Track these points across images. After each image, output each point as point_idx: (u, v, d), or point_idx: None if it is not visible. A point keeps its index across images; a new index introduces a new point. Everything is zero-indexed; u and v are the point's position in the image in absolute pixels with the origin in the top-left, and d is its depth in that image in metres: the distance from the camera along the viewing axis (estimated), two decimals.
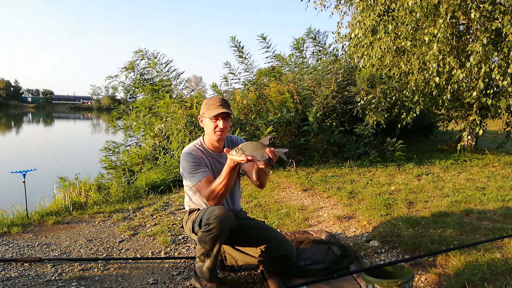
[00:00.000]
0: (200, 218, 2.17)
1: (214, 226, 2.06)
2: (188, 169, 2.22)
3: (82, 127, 36.17)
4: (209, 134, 2.29)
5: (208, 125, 2.26)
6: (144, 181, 5.21)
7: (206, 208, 2.20)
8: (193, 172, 2.20)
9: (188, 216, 2.40)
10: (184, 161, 2.24)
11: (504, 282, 2.09)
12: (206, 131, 2.32)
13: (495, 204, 3.57)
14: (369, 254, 2.73)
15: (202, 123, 2.32)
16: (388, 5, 6.60)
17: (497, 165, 5.88)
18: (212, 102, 2.27)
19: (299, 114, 6.95)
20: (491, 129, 8.68)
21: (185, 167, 2.23)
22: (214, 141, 2.31)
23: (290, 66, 9.19)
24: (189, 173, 2.21)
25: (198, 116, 2.36)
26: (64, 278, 2.55)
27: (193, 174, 2.20)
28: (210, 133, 2.27)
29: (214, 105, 2.24)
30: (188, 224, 2.35)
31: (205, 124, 2.29)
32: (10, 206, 4.33)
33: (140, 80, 8.14)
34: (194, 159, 2.23)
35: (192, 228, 2.28)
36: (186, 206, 2.47)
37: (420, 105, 6.75)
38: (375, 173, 5.40)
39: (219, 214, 2.06)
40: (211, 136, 2.28)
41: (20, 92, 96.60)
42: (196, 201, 2.38)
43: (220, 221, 2.05)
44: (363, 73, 7.24)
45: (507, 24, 5.41)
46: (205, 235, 2.10)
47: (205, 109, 2.27)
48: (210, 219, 2.07)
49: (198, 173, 2.20)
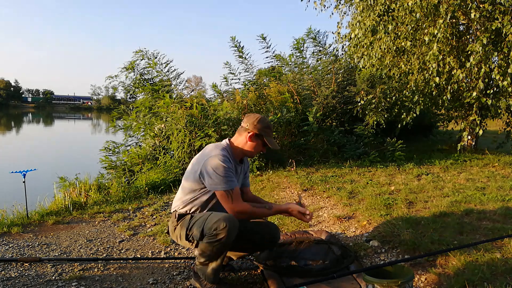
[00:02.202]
0: (202, 227, 2.13)
1: (223, 235, 2.07)
2: (224, 173, 2.16)
3: (82, 127, 36.18)
4: (249, 150, 2.35)
5: (257, 145, 2.34)
6: (144, 181, 5.21)
7: (206, 216, 2.16)
8: (230, 178, 2.19)
9: (177, 221, 2.31)
10: (222, 165, 2.17)
11: (504, 282, 2.09)
12: (248, 145, 2.33)
13: (495, 204, 3.57)
14: (369, 254, 2.73)
15: (252, 138, 2.31)
16: (388, 5, 6.60)
17: (497, 165, 5.88)
18: (270, 129, 2.35)
19: (299, 114, 6.95)
20: (491, 129, 8.67)
21: (221, 171, 2.16)
22: (244, 155, 2.40)
23: (290, 66, 9.19)
24: (225, 177, 2.17)
25: (250, 130, 2.30)
26: (64, 278, 2.55)
27: (229, 179, 2.18)
28: (252, 150, 2.35)
29: (270, 133, 2.35)
30: (179, 231, 2.28)
31: (253, 141, 2.32)
32: (10, 206, 4.33)
33: (140, 80, 8.15)
34: (231, 166, 2.24)
35: (186, 235, 2.23)
36: (178, 208, 2.34)
37: (420, 105, 6.75)
38: (375, 173, 5.40)
39: (227, 224, 2.06)
40: (250, 153, 2.37)
41: (20, 92, 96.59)
42: (199, 204, 2.28)
43: (229, 230, 2.07)
44: (363, 73, 7.24)
45: (507, 24, 5.41)
46: (213, 243, 2.10)
47: (263, 131, 2.31)
48: (219, 229, 2.06)
49: (233, 181, 2.20)
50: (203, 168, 2.21)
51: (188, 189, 2.31)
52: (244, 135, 2.32)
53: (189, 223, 2.23)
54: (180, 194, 2.38)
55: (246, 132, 2.31)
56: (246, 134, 2.31)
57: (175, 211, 2.36)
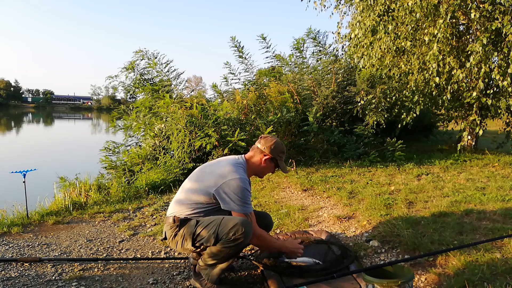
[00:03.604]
0: (216, 232, 2.11)
1: (242, 240, 2.10)
2: (245, 198, 2.19)
3: (82, 127, 36.18)
4: (261, 171, 2.42)
5: (270, 168, 2.42)
6: (144, 181, 5.21)
7: (218, 221, 2.14)
8: (249, 202, 2.23)
9: (177, 227, 2.24)
10: (245, 190, 2.19)
11: (504, 282, 2.09)
12: (261, 167, 2.39)
13: (495, 204, 3.57)
14: (369, 254, 2.73)
15: (267, 161, 2.37)
16: (388, 5, 6.60)
17: (497, 165, 5.88)
18: (284, 154, 2.43)
19: (299, 114, 6.95)
20: (491, 129, 8.68)
21: (243, 195, 2.18)
22: (255, 175, 2.46)
23: (290, 66, 9.20)
24: (246, 201, 2.20)
25: (266, 154, 2.35)
26: (64, 278, 2.55)
27: (249, 204, 2.22)
28: (264, 172, 2.44)
29: (283, 158, 2.43)
30: (182, 236, 2.21)
31: (268, 164, 2.38)
32: (10, 206, 4.33)
33: (140, 80, 8.14)
34: (250, 189, 2.27)
35: (193, 240, 2.18)
36: (179, 214, 2.27)
37: (420, 105, 6.75)
38: (375, 173, 5.40)
39: (245, 229, 2.10)
40: (261, 174, 2.44)
41: (20, 92, 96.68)
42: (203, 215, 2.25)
43: (247, 234, 2.12)
44: (363, 73, 7.24)
45: (507, 24, 5.41)
46: (230, 247, 2.12)
47: (278, 156, 2.38)
48: (237, 234, 2.08)
49: (251, 205, 2.25)
50: (221, 190, 2.18)
51: (194, 200, 2.26)
52: (260, 157, 2.37)
53: (195, 228, 2.19)
54: (183, 201, 2.30)
55: (262, 154, 2.36)
56: (261, 156, 2.36)
57: (174, 216, 2.27)
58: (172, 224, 2.26)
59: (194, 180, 2.35)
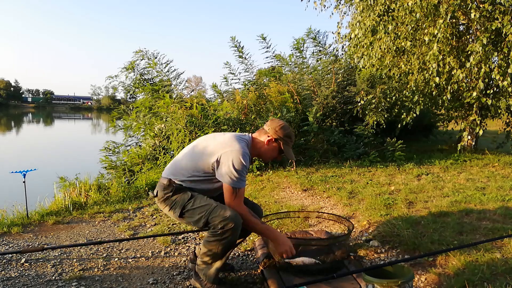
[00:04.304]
0: (206, 217, 2.14)
1: (229, 234, 2.10)
2: (241, 171, 2.13)
3: (82, 127, 36.18)
4: (264, 153, 2.35)
5: (274, 151, 2.35)
6: (144, 181, 5.21)
7: (211, 206, 2.15)
8: (243, 178, 2.17)
9: (171, 192, 2.23)
10: (242, 164, 2.13)
11: (504, 282, 2.09)
12: (264, 148, 2.33)
13: (495, 204, 3.57)
14: (369, 254, 2.73)
15: (272, 142, 2.32)
16: (388, 5, 6.60)
17: (497, 165, 5.88)
18: (290, 139, 2.35)
19: (299, 114, 6.95)
20: (491, 129, 8.67)
21: (239, 168, 2.12)
22: (259, 157, 2.41)
23: (290, 66, 9.20)
24: (240, 175, 2.14)
25: (270, 135, 2.30)
26: (64, 278, 2.55)
27: (242, 179, 2.16)
28: (267, 154, 2.36)
29: (290, 143, 2.36)
30: (172, 203, 2.22)
31: (271, 146, 2.33)
32: (10, 206, 4.32)
33: (140, 80, 8.15)
34: (248, 165, 2.22)
35: (181, 213, 2.20)
36: (175, 179, 2.26)
37: (420, 105, 6.75)
38: (375, 173, 5.40)
39: (234, 223, 2.09)
40: (265, 156, 2.37)
41: (20, 92, 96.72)
42: (199, 186, 2.25)
43: (236, 229, 2.11)
44: (363, 73, 7.24)
45: (507, 24, 5.41)
46: (220, 241, 2.12)
47: (283, 139, 2.32)
48: (226, 228, 2.08)
49: (244, 181, 2.19)
50: (221, 158, 2.14)
51: (192, 167, 2.25)
52: (264, 137, 2.32)
53: (187, 203, 2.19)
54: (181, 165, 2.29)
55: (266, 135, 2.32)
56: (265, 137, 2.32)
57: (169, 179, 2.27)
58: (166, 186, 2.26)
59: (196, 147, 2.31)
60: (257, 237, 3.15)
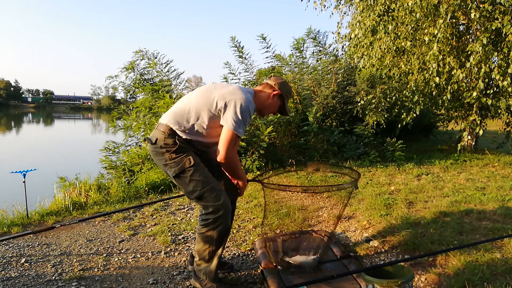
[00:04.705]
0: (202, 193, 2.16)
1: (221, 221, 2.17)
2: (244, 119, 2.13)
3: (82, 127, 36.18)
4: (267, 107, 2.36)
5: (275, 106, 2.38)
6: (144, 181, 5.20)
7: (208, 184, 2.17)
8: (245, 126, 2.16)
9: (173, 145, 2.17)
10: (247, 112, 2.13)
11: (504, 282, 2.09)
12: (268, 102, 2.35)
13: (495, 204, 3.57)
14: (369, 254, 2.73)
15: (275, 96, 2.34)
16: (388, 5, 6.60)
17: (497, 165, 5.88)
18: (290, 96, 2.46)
19: (299, 114, 6.95)
20: (491, 129, 8.67)
21: (244, 116, 2.12)
22: (259, 110, 2.38)
23: (290, 66, 9.19)
24: (243, 123, 2.13)
25: (276, 89, 2.33)
26: (64, 278, 2.55)
27: (244, 127, 2.15)
28: (270, 108, 2.38)
29: (288, 100, 2.43)
30: (170, 160, 2.17)
31: (275, 101, 2.35)
32: (10, 206, 4.33)
33: (140, 80, 8.14)
34: (252, 115, 2.23)
35: (177, 175, 2.16)
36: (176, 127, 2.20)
37: (420, 105, 6.75)
38: (375, 173, 5.40)
39: (222, 212, 2.16)
40: (267, 110, 2.39)
41: (20, 92, 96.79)
42: (204, 141, 2.23)
43: (225, 214, 2.18)
44: (363, 73, 7.24)
45: (507, 24, 5.41)
46: (214, 229, 2.16)
47: (286, 96, 2.37)
48: (217, 213, 2.15)
49: (244, 130, 2.17)
50: (229, 103, 2.12)
51: (198, 113, 2.18)
52: (269, 92, 2.34)
53: (187, 169, 2.16)
54: (188, 109, 2.21)
55: (272, 89, 2.34)
56: (271, 91, 2.34)
57: (171, 128, 2.21)
58: (168, 136, 2.20)
59: (201, 94, 2.26)
60: (257, 237, 3.15)
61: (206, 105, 2.18)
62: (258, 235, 3.28)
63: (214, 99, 2.16)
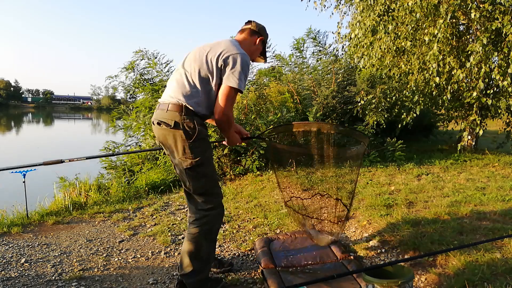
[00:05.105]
0: (208, 189, 2.18)
1: (221, 218, 2.29)
2: (245, 73, 2.09)
3: (82, 127, 36.17)
4: (252, 53, 2.32)
5: (258, 51, 2.35)
6: (144, 181, 5.21)
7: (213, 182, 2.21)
8: (246, 80, 2.12)
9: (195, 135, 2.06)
10: (247, 66, 2.10)
11: (504, 282, 2.09)
12: (253, 48, 2.31)
13: (495, 204, 3.57)
14: (369, 254, 2.73)
15: (260, 42, 2.32)
16: (388, 5, 6.60)
17: (497, 165, 5.88)
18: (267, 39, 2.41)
19: (299, 114, 6.95)
20: (491, 129, 8.67)
21: (245, 71, 2.08)
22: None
23: (290, 66, 9.20)
24: (245, 77, 2.10)
25: (261, 35, 2.32)
26: (64, 278, 2.55)
27: (244, 81, 2.10)
28: (255, 54, 2.35)
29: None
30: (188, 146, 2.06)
31: (259, 46, 2.34)
32: (10, 206, 4.33)
33: (140, 80, 8.13)
34: (249, 66, 2.21)
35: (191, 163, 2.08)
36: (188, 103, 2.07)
37: (420, 105, 6.75)
38: (375, 173, 5.40)
39: (222, 209, 2.26)
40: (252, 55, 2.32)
41: (20, 92, 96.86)
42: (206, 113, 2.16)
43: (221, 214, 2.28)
44: (363, 73, 7.24)
45: (507, 24, 5.40)
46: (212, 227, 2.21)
47: (266, 39, 2.37)
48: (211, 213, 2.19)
49: (244, 84, 2.11)
50: (229, 59, 2.05)
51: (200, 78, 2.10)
52: (253, 38, 2.30)
53: (203, 163, 2.11)
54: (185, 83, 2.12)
55: (256, 35, 2.31)
56: (255, 37, 2.31)
57: (184, 105, 2.07)
58: (186, 120, 2.07)
59: (190, 61, 2.17)
60: (257, 237, 3.15)
61: (204, 69, 2.09)
62: (258, 235, 3.28)
63: (210, 60, 2.09)
